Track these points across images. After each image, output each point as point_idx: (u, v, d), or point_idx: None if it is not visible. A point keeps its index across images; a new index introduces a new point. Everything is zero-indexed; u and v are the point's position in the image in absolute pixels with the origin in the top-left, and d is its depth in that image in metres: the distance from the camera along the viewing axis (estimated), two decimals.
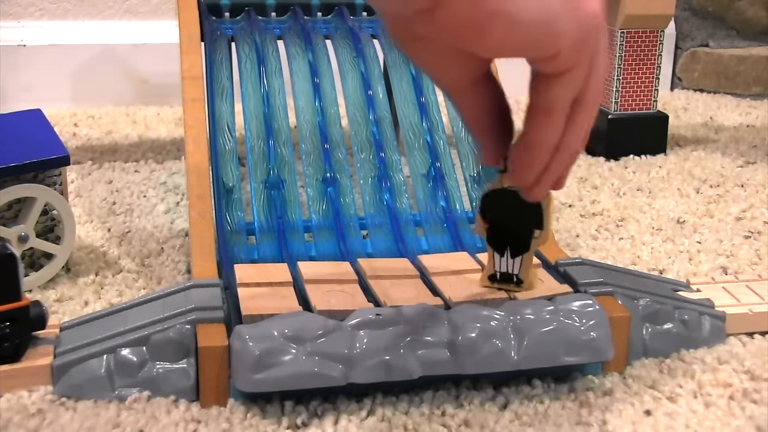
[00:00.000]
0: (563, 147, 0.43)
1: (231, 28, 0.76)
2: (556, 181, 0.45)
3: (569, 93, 0.41)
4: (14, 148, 0.63)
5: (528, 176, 0.44)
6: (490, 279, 0.53)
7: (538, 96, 0.41)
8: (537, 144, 0.42)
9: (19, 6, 1.21)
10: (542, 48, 0.38)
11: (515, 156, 0.44)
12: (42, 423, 0.47)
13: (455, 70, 0.41)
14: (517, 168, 0.44)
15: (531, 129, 0.42)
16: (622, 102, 0.99)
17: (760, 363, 0.54)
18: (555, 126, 0.42)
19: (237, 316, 0.51)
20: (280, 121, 0.68)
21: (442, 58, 0.40)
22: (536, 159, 0.43)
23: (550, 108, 0.41)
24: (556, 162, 0.44)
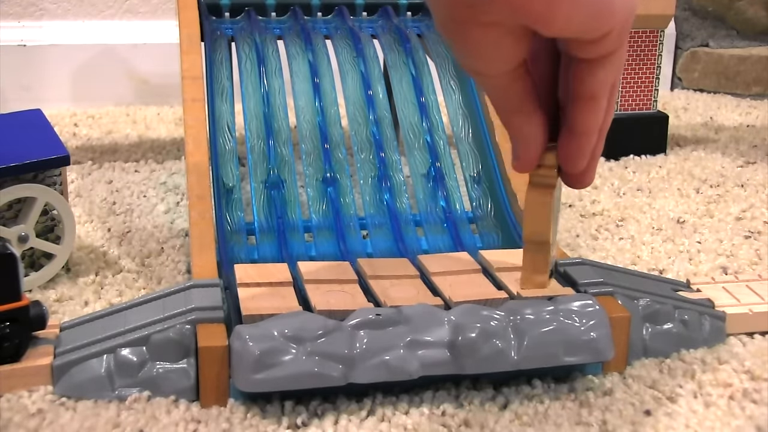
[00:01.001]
0: (603, 129, 0.45)
1: (231, 28, 0.76)
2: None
3: (613, 76, 0.42)
4: (14, 148, 0.63)
5: (582, 163, 0.45)
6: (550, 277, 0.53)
7: (582, 84, 0.42)
8: (587, 131, 0.44)
9: (19, 6, 1.21)
10: (599, 25, 0.39)
11: (565, 149, 0.45)
12: (42, 423, 0.47)
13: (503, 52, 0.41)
14: (571, 158, 0.45)
15: (579, 118, 0.43)
16: (622, 102, 0.99)
17: (760, 363, 0.54)
18: (601, 110, 0.43)
19: (237, 316, 0.51)
20: (280, 121, 0.68)
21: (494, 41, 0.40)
22: (587, 145, 0.45)
23: (596, 94, 0.42)
24: (598, 145, 0.45)
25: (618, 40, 0.40)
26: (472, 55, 0.41)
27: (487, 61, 0.41)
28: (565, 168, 0.46)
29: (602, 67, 0.41)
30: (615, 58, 0.41)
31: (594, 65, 0.41)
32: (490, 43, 0.40)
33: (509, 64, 0.41)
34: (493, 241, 0.65)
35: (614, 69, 0.42)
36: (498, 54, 0.41)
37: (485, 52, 0.41)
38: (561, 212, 0.81)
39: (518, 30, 0.39)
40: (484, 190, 0.68)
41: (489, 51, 0.40)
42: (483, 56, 0.41)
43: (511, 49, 0.40)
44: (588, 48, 0.40)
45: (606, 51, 0.40)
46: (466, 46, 0.40)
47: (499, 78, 0.42)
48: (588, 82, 0.42)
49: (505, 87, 0.43)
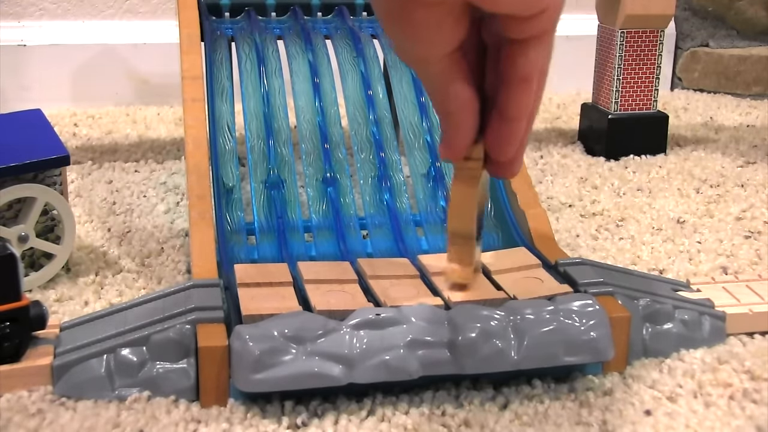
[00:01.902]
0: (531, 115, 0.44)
1: (231, 28, 0.76)
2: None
3: (543, 58, 0.42)
4: (14, 148, 0.63)
5: (511, 150, 0.45)
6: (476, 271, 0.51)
7: (513, 66, 0.42)
8: (517, 115, 0.43)
9: (19, 6, 1.21)
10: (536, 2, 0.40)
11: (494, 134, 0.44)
12: (42, 423, 0.47)
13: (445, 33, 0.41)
14: (499, 145, 0.44)
15: (511, 102, 0.43)
16: (622, 102, 0.99)
17: (760, 363, 0.54)
18: (531, 93, 0.43)
19: (237, 316, 0.51)
20: (280, 121, 0.68)
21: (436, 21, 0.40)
22: (518, 131, 0.44)
23: (528, 75, 0.42)
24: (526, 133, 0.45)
25: (551, 19, 0.41)
26: (414, 39, 0.41)
27: (429, 45, 0.41)
28: (495, 156, 0.45)
29: (534, 48, 0.42)
30: (546, 40, 0.42)
31: (526, 46, 0.42)
32: (432, 25, 0.40)
33: (449, 47, 0.42)
34: (493, 241, 0.65)
35: (545, 51, 0.42)
36: (439, 36, 0.41)
37: (427, 35, 0.41)
38: (560, 212, 0.81)
39: (459, 9, 0.40)
40: None
41: (431, 33, 0.41)
42: (425, 39, 0.41)
43: (452, 30, 0.41)
44: (523, 26, 0.41)
45: (539, 30, 0.41)
46: (409, 29, 0.41)
47: (438, 63, 0.43)
48: (520, 63, 0.42)
49: (444, 72, 0.43)
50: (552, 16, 0.41)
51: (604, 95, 1.00)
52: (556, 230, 0.76)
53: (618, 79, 0.98)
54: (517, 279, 0.56)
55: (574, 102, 1.24)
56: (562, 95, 1.31)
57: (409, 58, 0.43)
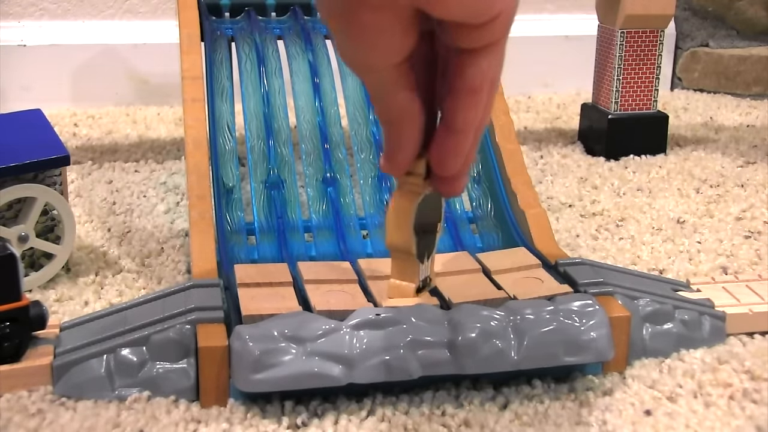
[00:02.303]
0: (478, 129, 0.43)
1: (231, 28, 0.76)
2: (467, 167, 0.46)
3: (494, 69, 0.41)
4: (14, 148, 0.63)
5: (456, 165, 0.44)
6: (419, 292, 0.51)
7: (462, 76, 0.41)
8: (464, 128, 0.42)
9: (19, 6, 1.21)
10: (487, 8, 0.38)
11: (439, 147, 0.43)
12: (42, 423, 0.47)
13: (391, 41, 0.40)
14: (443, 159, 0.43)
15: (458, 113, 0.42)
16: (622, 102, 0.99)
17: (760, 363, 0.54)
18: (480, 105, 0.42)
19: (237, 316, 0.51)
20: (280, 121, 0.68)
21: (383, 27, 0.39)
22: (464, 144, 0.43)
23: (476, 87, 0.41)
24: (473, 148, 0.44)
25: (503, 28, 0.40)
26: (361, 45, 0.40)
27: (375, 52, 0.40)
28: (439, 171, 0.44)
29: (485, 58, 0.41)
30: (497, 50, 0.41)
31: (477, 55, 0.40)
32: (379, 30, 0.39)
33: (396, 56, 0.41)
34: (493, 241, 0.65)
35: (496, 61, 0.41)
36: (386, 43, 0.40)
37: (374, 41, 0.39)
38: (560, 212, 0.81)
39: (408, 16, 0.39)
40: (484, 190, 0.68)
41: (377, 39, 0.39)
42: (371, 46, 0.40)
43: (399, 39, 0.40)
44: (473, 35, 0.40)
45: (490, 39, 0.40)
46: (355, 33, 0.39)
47: (384, 72, 0.41)
48: (470, 73, 0.41)
49: (390, 82, 0.42)
50: (504, 24, 0.40)
51: (604, 95, 1.00)
52: (556, 230, 0.76)
53: (618, 79, 0.98)
54: (517, 279, 0.56)
55: (574, 102, 1.24)
56: (562, 95, 1.31)
57: (354, 64, 0.41)
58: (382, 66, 0.41)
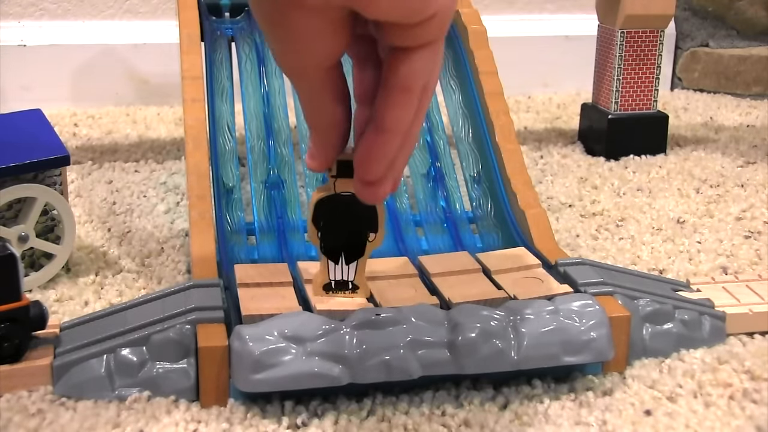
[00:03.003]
0: (408, 137, 0.43)
1: (231, 28, 0.76)
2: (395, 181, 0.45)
3: (427, 70, 0.40)
4: (14, 148, 0.63)
5: (379, 168, 0.43)
6: (325, 289, 0.52)
7: (395, 74, 0.40)
8: (392, 128, 0.41)
9: (19, 6, 1.21)
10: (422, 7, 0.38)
11: (365, 147, 0.43)
12: (42, 423, 0.47)
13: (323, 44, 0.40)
14: (367, 159, 0.43)
15: (387, 111, 0.41)
16: (622, 102, 0.99)
17: (760, 363, 0.54)
18: (411, 106, 0.41)
19: (237, 316, 0.51)
20: (280, 121, 0.68)
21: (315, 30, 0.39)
22: (389, 146, 0.42)
23: (409, 86, 0.40)
24: (401, 154, 0.43)
25: (438, 29, 0.39)
26: (292, 47, 0.40)
27: (306, 55, 0.40)
28: (360, 172, 0.43)
29: (419, 57, 0.40)
30: (432, 51, 0.40)
31: (411, 54, 0.40)
32: (311, 32, 0.39)
33: (326, 60, 0.40)
34: (493, 241, 0.65)
35: (430, 62, 0.40)
36: (318, 45, 0.39)
37: (305, 43, 0.39)
38: (560, 212, 0.81)
39: (339, 18, 0.39)
40: (484, 190, 0.68)
41: (309, 41, 0.39)
42: (303, 48, 0.39)
43: (330, 42, 0.39)
44: (407, 34, 0.39)
45: (425, 39, 0.39)
46: (287, 35, 0.39)
47: (314, 76, 0.41)
48: (402, 71, 0.40)
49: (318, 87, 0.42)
50: (439, 25, 0.39)
51: (604, 95, 1.00)
52: (556, 230, 0.76)
53: (618, 79, 0.98)
54: (517, 279, 0.56)
55: (574, 102, 1.24)
56: (562, 95, 1.31)
57: (285, 66, 0.41)
58: (312, 69, 0.41)
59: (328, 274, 0.52)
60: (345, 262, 0.51)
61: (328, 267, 0.51)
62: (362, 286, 0.52)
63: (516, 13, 1.36)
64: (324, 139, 0.44)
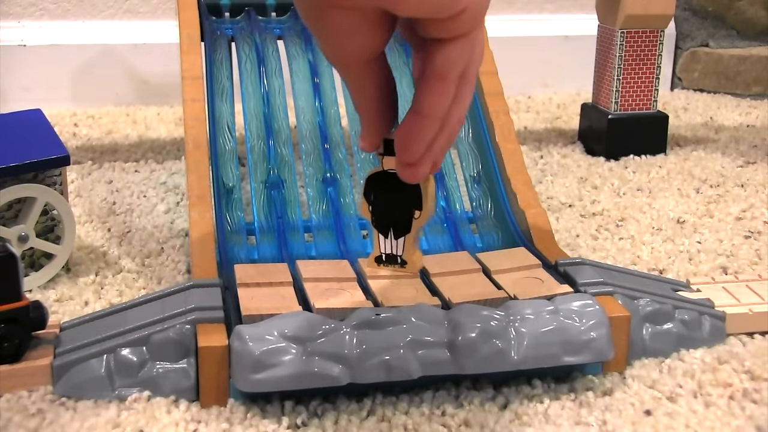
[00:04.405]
0: (447, 122, 0.44)
1: (231, 28, 0.76)
2: (434, 163, 0.47)
3: (463, 59, 0.42)
4: (14, 148, 0.63)
5: (416, 150, 0.45)
6: (377, 261, 0.54)
7: (432, 63, 0.42)
8: (429, 113, 0.43)
9: (19, 6, 1.21)
10: (450, 5, 0.39)
11: (404, 129, 0.45)
12: (42, 423, 0.47)
13: (362, 39, 0.41)
14: (406, 141, 0.45)
15: (425, 97, 0.43)
16: (622, 102, 0.99)
17: (760, 363, 0.54)
18: (447, 94, 0.43)
19: (237, 316, 0.51)
20: (280, 121, 0.68)
21: (353, 26, 0.41)
22: (426, 129, 0.44)
23: (445, 74, 0.42)
24: (440, 138, 0.45)
25: (472, 21, 0.41)
26: (333, 42, 0.42)
27: (347, 48, 0.42)
28: (399, 152, 0.46)
29: (453, 48, 0.41)
30: (469, 41, 0.42)
31: (445, 44, 0.42)
32: (349, 30, 0.41)
33: (369, 53, 0.42)
34: (493, 241, 0.65)
35: (466, 51, 0.42)
36: (357, 40, 0.41)
37: (345, 38, 0.41)
38: (560, 212, 0.81)
39: (376, 15, 0.40)
40: (484, 190, 0.68)
41: (348, 37, 0.41)
42: (342, 43, 0.41)
43: (370, 36, 0.41)
44: (440, 27, 0.41)
45: (459, 31, 0.41)
46: (327, 33, 0.41)
47: (359, 67, 0.43)
48: (438, 61, 0.42)
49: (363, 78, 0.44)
50: (471, 18, 0.40)
51: (604, 95, 1.00)
52: (556, 230, 0.76)
53: (618, 79, 0.98)
54: (517, 279, 0.56)
55: (574, 102, 1.24)
56: (562, 95, 1.31)
57: (330, 59, 0.43)
58: (354, 63, 0.43)
59: (380, 247, 0.53)
60: (394, 237, 0.52)
61: (379, 240, 0.53)
62: (410, 262, 0.53)
63: (515, 13, 1.36)
64: (371, 122, 0.47)
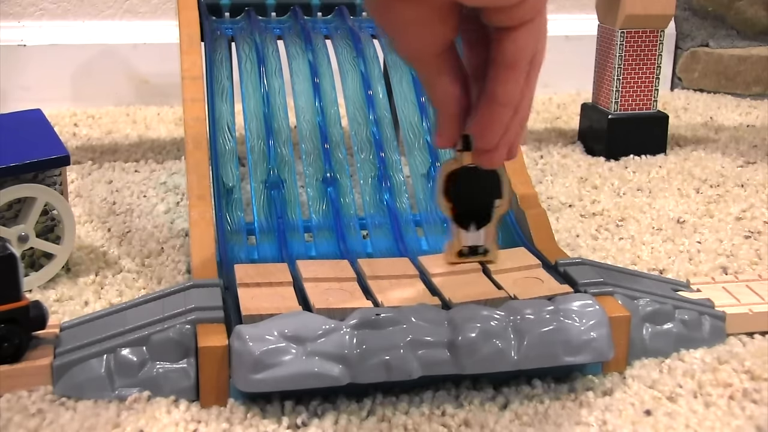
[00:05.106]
0: (520, 108, 0.45)
1: (231, 28, 0.76)
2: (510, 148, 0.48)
3: (531, 45, 0.43)
4: (14, 148, 0.63)
5: (493, 137, 0.46)
6: (460, 255, 0.54)
7: (502, 52, 0.43)
8: (503, 101, 0.44)
9: (19, 6, 1.21)
10: None
11: (481, 119, 0.45)
12: (42, 423, 0.47)
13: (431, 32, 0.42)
14: (483, 130, 0.46)
15: (497, 86, 0.44)
16: (622, 102, 0.99)
17: (760, 363, 0.54)
18: (519, 81, 0.44)
19: (237, 316, 0.51)
20: (280, 121, 0.68)
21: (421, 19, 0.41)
22: (502, 117, 0.45)
23: (516, 62, 0.43)
24: (513, 124, 0.46)
25: (535, 7, 0.42)
26: (402, 37, 0.42)
27: (418, 41, 0.43)
28: (478, 141, 0.47)
29: (521, 35, 0.42)
30: (534, 27, 0.43)
31: (514, 33, 0.42)
32: (417, 22, 0.41)
33: (438, 46, 0.43)
34: None
35: (534, 38, 0.43)
36: (427, 33, 0.42)
37: (414, 31, 0.42)
38: (560, 212, 0.81)
39: (445, 8, 0.41)
40: None
41: (417, 31, 0.42)
42: (412, 36, 0.42)
43: (439, 28, 0.42)
44: (507, 15, 0.42)
45: (524, 18, 0.42)
46: (396, 26, 0.42)
47: (431, 60, 0.44)
48: (508, 49, 0.43)
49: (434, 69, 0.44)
50: (536, 4, 0.42)
51: (604, 95, 1.00)
52: (556, 230, 0.76)
53: (618, 79, 0.98)
54: (517, 279, 0.56)
55: (574, 102, 1.24)
56: (562, 95, 1.31)
57: (402, 54, 0.44)
58: (426, 55, 0.44)
59: (461, 241, 0.54)
60: (476, 228, 0.54)
61: (461, 235, 0.54)
62: (492, 250, 0.54)
63: None
64: (448, 116, 0.47)
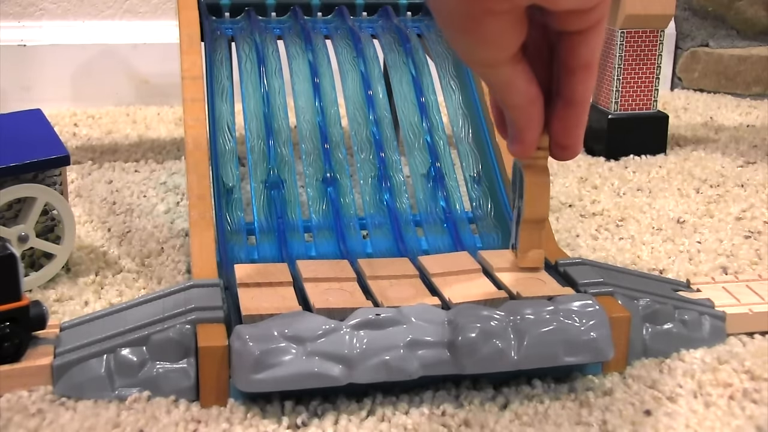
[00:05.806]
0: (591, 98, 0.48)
1: (231, 28, 0.76)
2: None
3: (601, 44, 0.45)
4: (14, 148, 0.63)
5: (579, 133, 0.48)
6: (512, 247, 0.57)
7: (577, 55, 0.45)
8: (582, 100, 0.46)
9: (19, 6, 1.21)
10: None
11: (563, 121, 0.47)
12: (42, 423, 0.47)
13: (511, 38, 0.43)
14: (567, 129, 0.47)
15: (576, 87, 0.46)
16: (622, 102, 0.99)
17: (760, 363, 0.54)
18: (594, 77, 0.46)
19: (237, 316, 0.51)
20: (280, 121, 0.68)
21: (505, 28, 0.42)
22: (584, 114, 0.47)
23: (590, 62, 0.45)
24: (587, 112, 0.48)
25: (606, 7, 0.43)
26: (482, 46, 0.43)
27: (496, 50, 0.43)
28: (564, 140, 0.48)
29: (593, 37, 0.44)
30: (602, 26, 0.44)
31: (587, 35, 0.44)
32: (501, 31, 0.42)
33: (513, 49, 0.44)
34: (493, 241, 0.65)
35: (601, 37, 0.45)
36: (506, 40, 0.43)
37: (494, 41, 0.43)
38: (560, 212, 0.81)
39: (524, 12, 0.42)
40: (484, 190, 0.68)
41: (497, 39, 0.42)
42: (492, 45, 0.43)
43: (516, 33, 0.43)
44: (582, 18, 0.43)
45: (597, 19, 0.43)
46: (480, 38, 0.42)
47: (505, 65, 0.44)
48: (583, 52, 0.44)
49: (511, 72, 0.45)
50: (607, 5, 0.43)
51: (604, 95, 1.00)
52: (556, 230, 0.76)
53: (618, 79, 0.98)
54: (517, 279, 0.56)
55: None
56: None
57: (476, 63, 0.45)
58: (503, 60, 0.44)
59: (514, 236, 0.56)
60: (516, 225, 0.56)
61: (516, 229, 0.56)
62: (520, 251, 0.56)
63: None
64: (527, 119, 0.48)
